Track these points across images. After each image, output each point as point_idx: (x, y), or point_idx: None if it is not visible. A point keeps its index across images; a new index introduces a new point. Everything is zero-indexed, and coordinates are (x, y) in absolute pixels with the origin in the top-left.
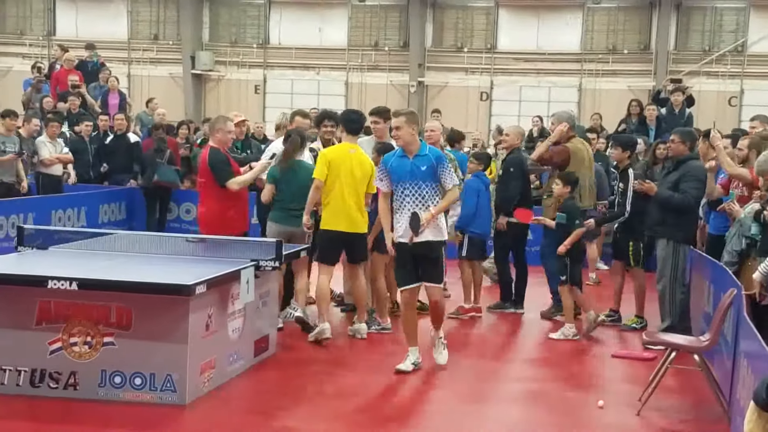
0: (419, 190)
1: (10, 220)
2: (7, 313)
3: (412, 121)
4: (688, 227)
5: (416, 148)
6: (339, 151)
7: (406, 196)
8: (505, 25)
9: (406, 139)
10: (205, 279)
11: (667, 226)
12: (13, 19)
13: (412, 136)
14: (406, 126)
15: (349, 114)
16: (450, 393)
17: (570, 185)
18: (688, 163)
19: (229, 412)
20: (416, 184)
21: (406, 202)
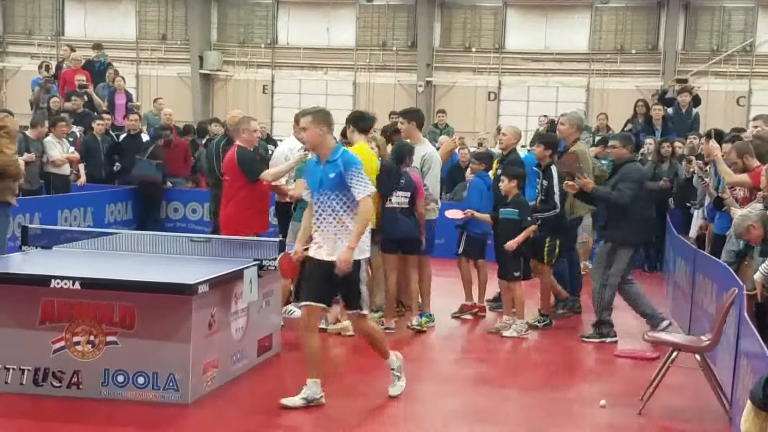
0: (329, 202)
1: (16, 219)
2: (10, 313)
3: (320, 121)
4: (628, 230)
5: (327, 153)
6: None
7: (319, 209)
8: (513, 25)
9: (312, 141)
10: (207, 278)
11: (608, 229)
12: (21, 19)
13: (321, 138)
14: (313, 126)
15: (361, 114)
16: (448, 393)
17: (516, 180)
18: (626, 166)
19: (232, 412)
20: (325, 194)
21: (319, 216)
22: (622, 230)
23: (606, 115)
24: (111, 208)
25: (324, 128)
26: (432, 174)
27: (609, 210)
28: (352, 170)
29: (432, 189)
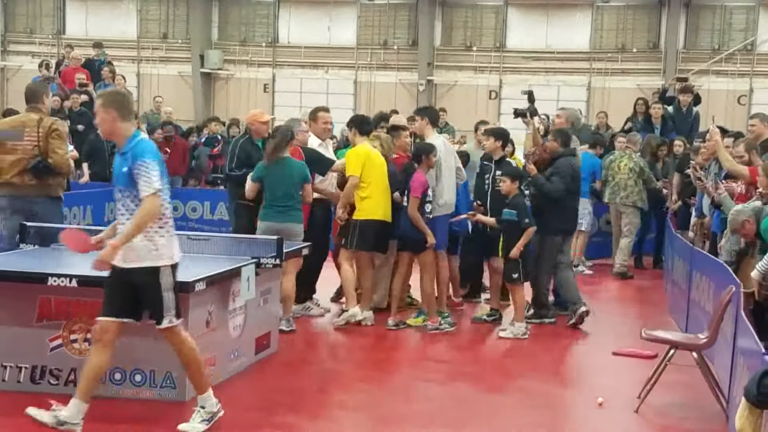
0: (123, 200)
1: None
2: (7, 310)
3: (109, 104)
4: (555, 221)
5: (122, 143)
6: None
7: (119, 208)
8: (514, 24)
9: (102, 127)
10: (204, 276)
11: (541, 218)
12: (22, 18)
13: (110, 124)
14: (102, 110)
15: (362, 117)
16: (445, 392)
17: (518, 180)
18: (559, 160)
19: (229, 409)
20: (119, 191)
21: (120, 216)
22: (549, 220)
23: (606, 114)
24: (111, 206)
25: (113, 113)
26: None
27: (539, 200)
28: (138, 164)
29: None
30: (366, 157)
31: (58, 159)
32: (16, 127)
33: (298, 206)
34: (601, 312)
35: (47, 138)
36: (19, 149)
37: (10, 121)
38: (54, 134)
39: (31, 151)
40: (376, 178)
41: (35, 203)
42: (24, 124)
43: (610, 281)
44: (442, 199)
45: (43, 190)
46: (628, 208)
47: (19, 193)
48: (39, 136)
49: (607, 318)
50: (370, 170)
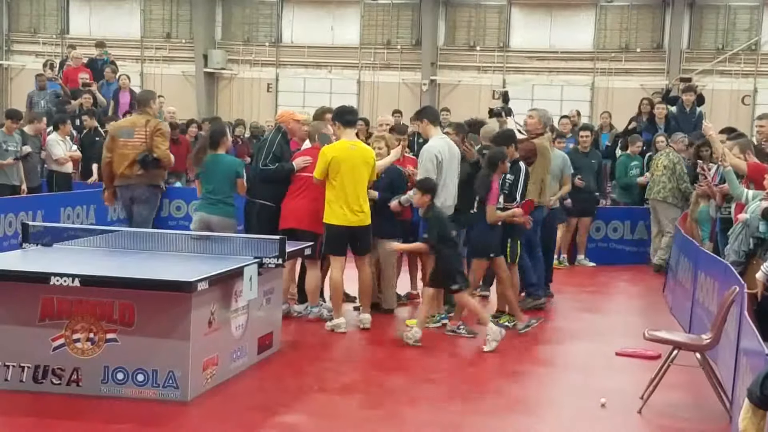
0: None
1: (19, 217)
2: (10, 310)
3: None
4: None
5: None
6: (339, 148)
7: None
8: (517, 24)
9: None
10: (207, 276)
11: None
12: (26, 18)
13: None
14: None
15: (343, 107)
16: (446, 392)
17: (429, 193)
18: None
19: (231, 409)
20: None
21: None
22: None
23: (609, 114)
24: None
25: None
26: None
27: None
28: None
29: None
30: (333, 157)
31: (161, 153)
32: (129, 127)
33: (228, 200)
34: (604, 311)
35: (152, 136)
36: (130, 145)
37: (124, 122)
38: (158, 133)
39: (140, 147)
40: (342, 179)
41: (139, 191)
42: (134, 124)
43: (613, 280)
44: (440, 200)
45: (147, 179)
46: (659, 204)
47: (128, 183)
48: (146, 135)
49: (610, 318)
50: (336, 171)
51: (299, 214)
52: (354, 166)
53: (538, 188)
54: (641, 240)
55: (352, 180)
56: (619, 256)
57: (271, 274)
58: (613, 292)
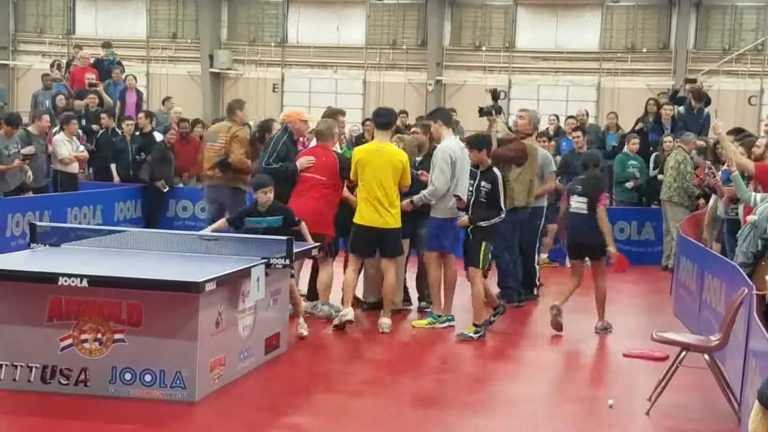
0: None
1: (26, 217)
2: (18, 310)
3: None
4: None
5: None
6: (366, 150)
7: None
8: (523, 24)
9: None
10: (214, 276)
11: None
12: (32, 18)
13: None
14: None
15: (379, 110)
16: (454, 392)
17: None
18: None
19: (238, 409)
20: None
21: None
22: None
23: (616, 114)
24: (120, 206)
25: None
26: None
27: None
28: None
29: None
30: (360, 159)
31: (234, 158)
32: (215, 132)
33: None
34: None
35: (231, 142)
36: (213, 149)
37: (213, 127)
38: (235, 139)
39: (220, 152)
40: (368, 181)
41: (222, 193)
42: (218, 131)
43: (618, 281)
44: (452, 201)
45: (229, 182)
46: (666, 203)
47: (211, 183)
48: (226, 140)
49: (616, 319)
50: (363, 172)
51: (303, 214)
52: (378, 167)
53: (526, 189)
54: (648, 241)
55: (376, 181)
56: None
57: (279, 275)
58: (619, 293)
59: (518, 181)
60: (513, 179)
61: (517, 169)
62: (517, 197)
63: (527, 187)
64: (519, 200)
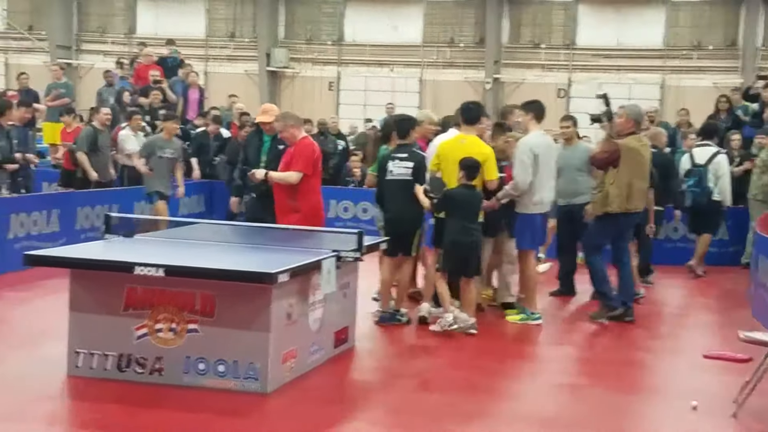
0: None
1: (94, 210)
2: (96, 299)
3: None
4: None
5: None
6: (449, 141)
7: None
8: (584, 21)
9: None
10: (288, 268)
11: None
12: (95, 18)
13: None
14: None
15: (467, 104)
16: (527, 388)
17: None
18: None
19: (310, 402)
20: None
21: None
22: None
23: (687, 111)
24: (184, 200)
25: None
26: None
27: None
28: None
29: (520, 179)
30: (442, 151)
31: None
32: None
33: None
34: (686, 313)
35: None
36: None
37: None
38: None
39: None
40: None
41: None
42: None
43: (695, 281)
44: (536, 196)
45: None
46: (750, 201)
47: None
48: None
49: (692, 319)
50: (446, 164)
51: None
52: (457, 160)
53: (623, 193)
54: (722, 240)
55: (452, 173)
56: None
57: (349, 268)
58: (695, 293)
59: (613, 184)
60: (608, 183)
61: (613, 171)
62: (611, 202)
63: (624, 191)
64: (613, 205)
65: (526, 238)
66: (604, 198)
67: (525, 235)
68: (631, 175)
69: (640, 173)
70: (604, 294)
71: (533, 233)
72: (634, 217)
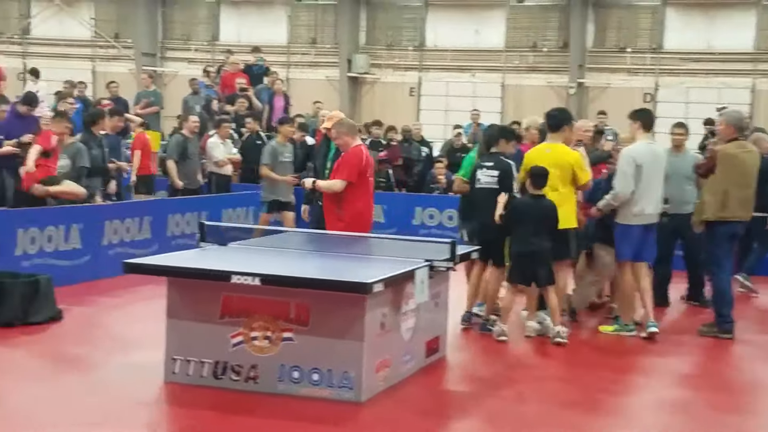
0: None
1: (185, 217)
2: (192, 307)
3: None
4: None
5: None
6: (535, 151)
7: None
8: (671, 24)
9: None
10: (382, 277)
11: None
12: (179, 26)
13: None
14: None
15: (551, 111)
16: (633, 403)
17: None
18: None
19: (404, 412)
20: None
21: None
22: None
23: None
24: None
25: None
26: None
27: None
28: None
29: (620, 189)
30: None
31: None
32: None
33: None
34: None
35: None
36: None
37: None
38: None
39: None
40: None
41: None
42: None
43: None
44: (636, 207)
45: None
46: None
47: None
48: None
49: None
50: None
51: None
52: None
53: (718, 200)
54: None
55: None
56: None
57: (440, 278)
58: None
59: (709, 191)
60: (705, 190)
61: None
62: (705, 210)
63: (719, 198)
64: (707, 213)
65: (624, 248)
66: (700, 206)
67: (623, 245)
68: (728, 182)
69: (739, 180)
70: (721, 316)
71: (631, 244)
72: (734, 226)
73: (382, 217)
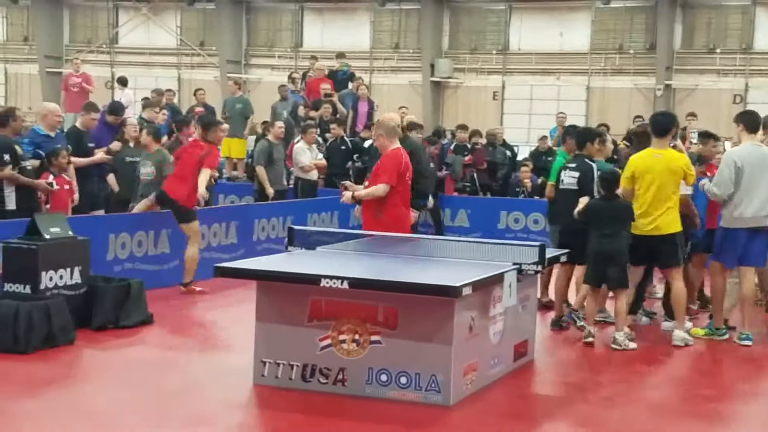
0: None
1: (270, 222)
2: (281, 310)
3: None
4: None
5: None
6: (642, 157)
7: None
8: (762, 24)
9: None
10: (471, 281)
11: None
12: (264, 33)
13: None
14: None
15: (656, 116)
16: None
17: None
18: None
19: (493, 416)
20: None
21: None
22: None
23: None
24: (353, 212)
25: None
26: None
27: None
28: None
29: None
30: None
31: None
32: None
33: None
34: None
35: None
36: None
37: None
38: None
39: None
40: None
41: None
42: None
43: None
44: (737, 210)
45: None
46: None
47: None
48: None
49: None
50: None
51: None
52: (656, 175)
53: None
54: None
55: (648, 188)
56: None
57: (528, 281)
58: None
59: None
60: None
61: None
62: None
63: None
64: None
65: (723, 252)
66: None
67: (721, 248)
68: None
69: None
70: None
71: (733, 248)
72: None
73: (466, 222)
